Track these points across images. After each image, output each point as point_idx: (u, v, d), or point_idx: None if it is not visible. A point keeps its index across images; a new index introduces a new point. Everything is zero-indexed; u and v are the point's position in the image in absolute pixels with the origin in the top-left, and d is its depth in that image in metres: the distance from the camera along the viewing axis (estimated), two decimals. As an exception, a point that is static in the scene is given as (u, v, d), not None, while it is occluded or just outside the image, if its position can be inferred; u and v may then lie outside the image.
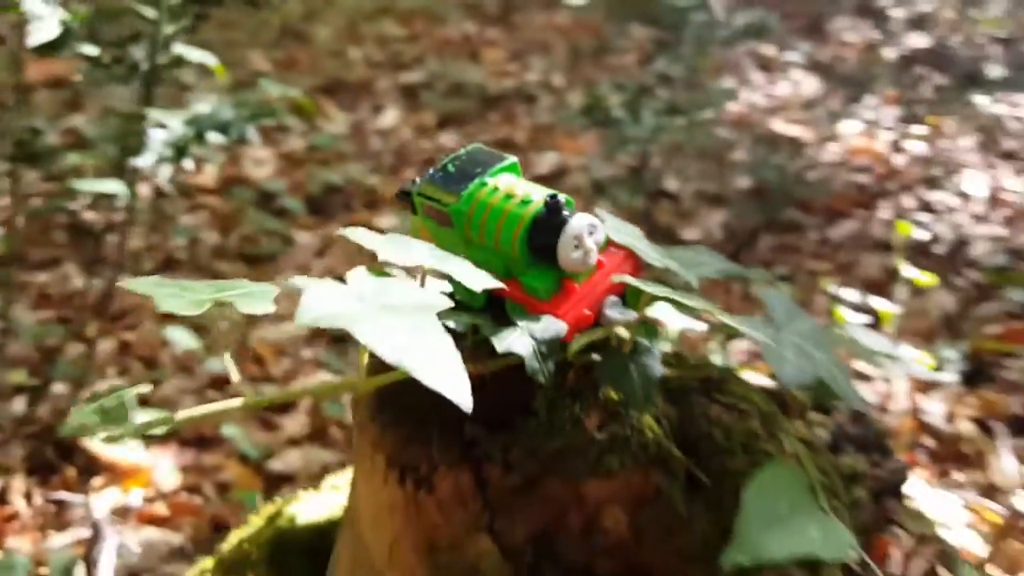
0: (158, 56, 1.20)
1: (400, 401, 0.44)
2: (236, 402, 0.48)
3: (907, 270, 1.59)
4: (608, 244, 0.49)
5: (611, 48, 3.25)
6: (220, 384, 1.92)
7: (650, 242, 0.50)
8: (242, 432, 1.73)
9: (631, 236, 0.49)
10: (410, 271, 0.48)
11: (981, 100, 2.58)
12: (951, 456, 1.46)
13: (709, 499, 0.45)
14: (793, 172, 2.44)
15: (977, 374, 1.66)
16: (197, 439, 1.76)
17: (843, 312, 1.43)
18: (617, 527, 0.44)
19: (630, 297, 0.48)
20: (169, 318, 2.16)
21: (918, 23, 3.59)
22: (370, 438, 0.44)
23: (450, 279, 0.47)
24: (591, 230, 0.45)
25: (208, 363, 1.96)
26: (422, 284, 0.43)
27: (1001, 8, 3.71)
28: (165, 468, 1.64)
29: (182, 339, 1.94)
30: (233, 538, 0.81)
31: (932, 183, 2.48)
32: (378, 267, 0.46)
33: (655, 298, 0.45)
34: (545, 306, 0.44)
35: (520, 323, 0.41)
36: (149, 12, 1.20)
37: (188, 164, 1.29)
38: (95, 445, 1.63)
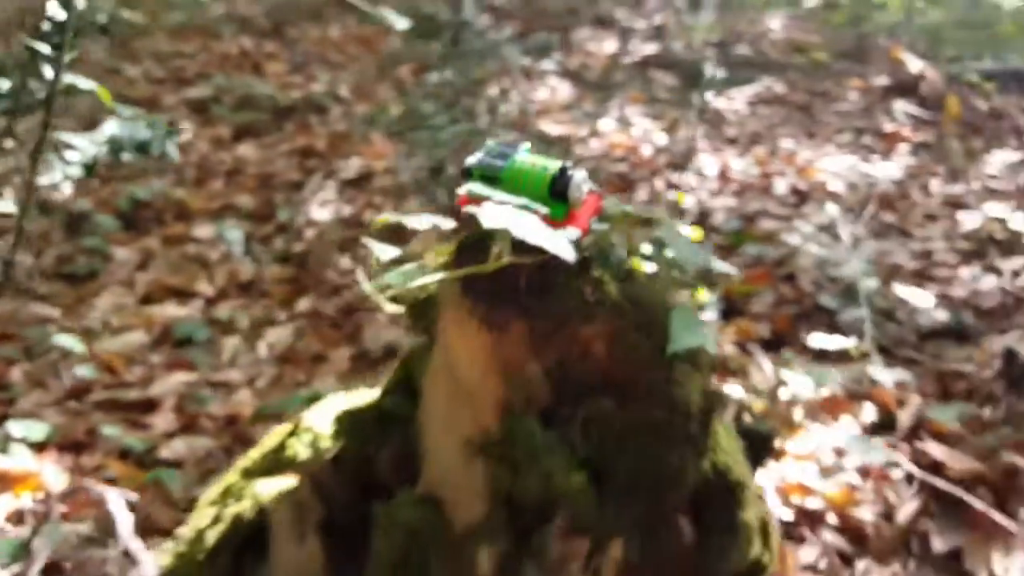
0: (58, 84, 1.33)
1: (480, 285, 0.72)
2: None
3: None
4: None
5: (397, 60, 3.53)
6: (80, 393, 1.99)
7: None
8: (121, 430, 1.83)
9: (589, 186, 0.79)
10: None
11: (706, 96, 3.15)
12: (721, 373, 1.90)
13: (650, 332, 0.76)
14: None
15: (731, 311, 2.13)
16: (72, 444, 1.84)
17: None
18: (599, 354, 0.74)
19: (602, 218, 0.78)
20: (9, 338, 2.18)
21: (649, 33, 4.19)
22: (466, 306, 0.71)
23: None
24: (583, 182, 0.74)
25: (65, 376, 2.02)
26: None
27: (710, 16, 4.43)
28: (51, 472, 1.71)
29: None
30: (254, 452, 1.02)
31: (676, 167, 3.01)
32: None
33: (621, 213, 0.76)
34: (562, 224, 0.73)
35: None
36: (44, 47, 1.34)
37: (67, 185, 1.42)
38: (-23, 459, 1.67)
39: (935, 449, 1.52)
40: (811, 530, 1.42)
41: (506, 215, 0.68)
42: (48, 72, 1.39)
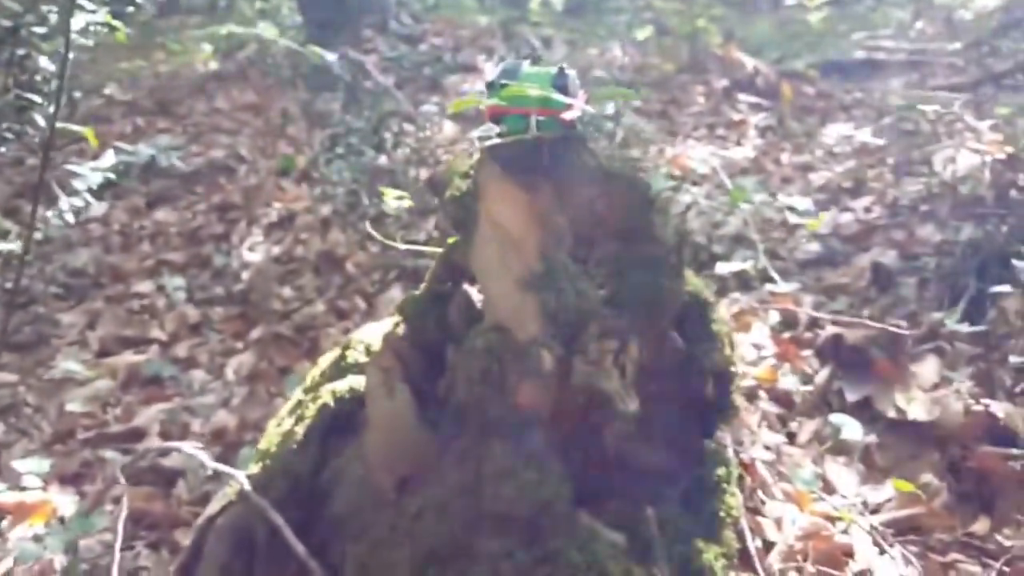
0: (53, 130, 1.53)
1: (514, 164, 0.99)
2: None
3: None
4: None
5: (290, 118, 3.75)
6: (65, 437, 2.10)
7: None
8: (118, 455, 1.96)
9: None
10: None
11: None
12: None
13: (634, 188, 1.06)
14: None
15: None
16: (72, 476, 1.95)
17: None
18: (600, 208, 1.02)
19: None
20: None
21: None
22: (507, 178, 0.98)
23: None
24: (575, 78, 1.02)
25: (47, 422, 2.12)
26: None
27: (561, 51, 4.89)
28: (62, 500, 1.83)
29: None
30: (313, 371, 1.24)
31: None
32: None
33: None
34: (564, 111, 1.01)
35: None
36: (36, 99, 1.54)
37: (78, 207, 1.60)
38: (-7, 493, 1.77)
39: (835, 329, 1.87)
40: (750, 402, 1.73)
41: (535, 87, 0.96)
42: (41, 121, 1.59)
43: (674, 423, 1.15)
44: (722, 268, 2.16)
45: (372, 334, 1.26)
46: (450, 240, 1.13)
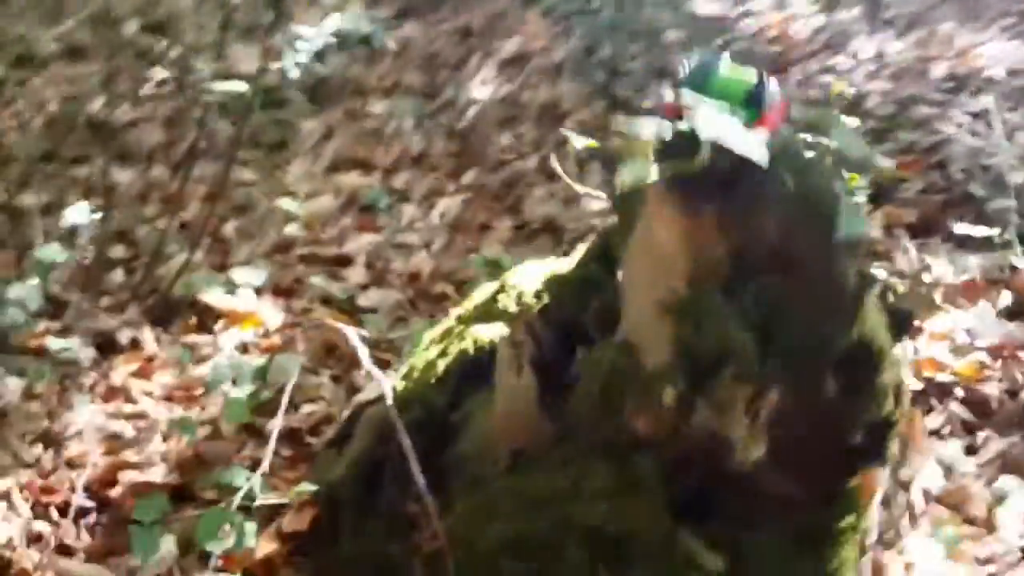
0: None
1: (680, 178, 0.90)
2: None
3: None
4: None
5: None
6: (284, 248, 2.31)
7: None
8: (324, 280, 2.13)
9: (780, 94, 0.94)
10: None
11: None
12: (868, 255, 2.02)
13: (818, 220, 0.94)
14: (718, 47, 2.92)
15: (880, 196, 2.22)
16: (283, 290, 2.15)
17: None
18: (772, 237, 0.92)
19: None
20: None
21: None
22: (669, 197, 0.90)
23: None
24: (775, 91, 0.89)
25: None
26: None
27: None
28: (269, 312, 2.03)
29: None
30: (467, 303, 1.27)
31: (831, 50, 3.01)
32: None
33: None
34: (755, 125, 0.89)
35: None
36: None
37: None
38: (210, 298, 2.00)
39: (1068, 336, 1.63)
40: (939, 401, 1.57)
41: (715, 121, 0.85)
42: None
43: (813, 459, 1.08)
44: (961, 229, 1.90)
45: (529, 276, 1.25)
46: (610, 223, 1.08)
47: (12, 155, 2.68)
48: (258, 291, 2.08)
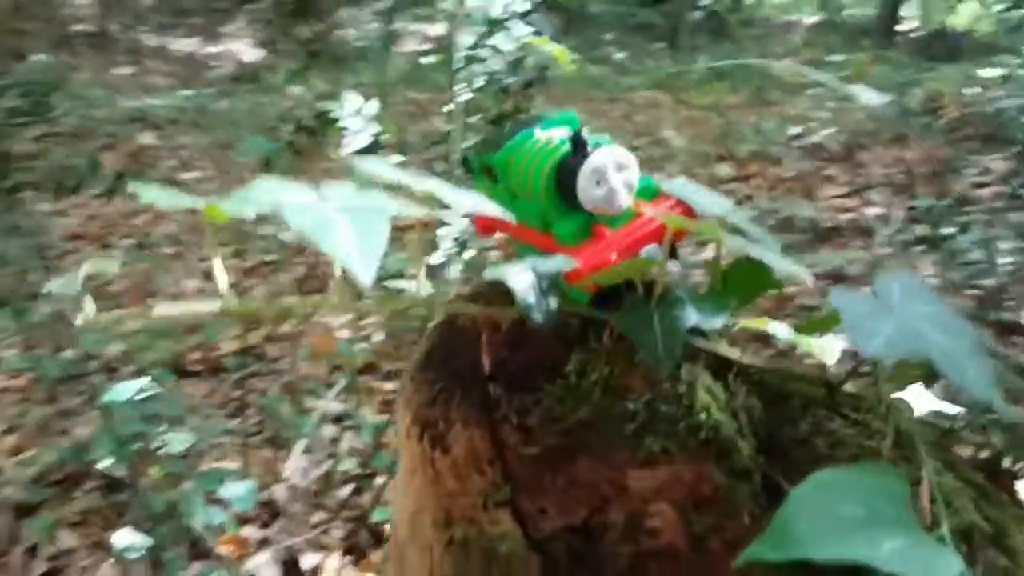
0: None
1: (442, 360, 0.44)
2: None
3: None
4: (659, 195, 0.45)
5: (954, 172, 3.00)
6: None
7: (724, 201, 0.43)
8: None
9: (689, 190, 0.43)
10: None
11: None
12: None
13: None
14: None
15: None
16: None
17: None
18: (667, 530, 0.39)
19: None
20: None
21: None
22: (404, 395, 0.45)
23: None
24: (619, 167, 0.41)
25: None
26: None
27: None
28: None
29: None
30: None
31: None
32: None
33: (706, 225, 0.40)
34: (571, 251, 0.41)
35: (526, 260, 0.39)
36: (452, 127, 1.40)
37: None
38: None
39: None
40: None
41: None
42: None
43: None
44: None
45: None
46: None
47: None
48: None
